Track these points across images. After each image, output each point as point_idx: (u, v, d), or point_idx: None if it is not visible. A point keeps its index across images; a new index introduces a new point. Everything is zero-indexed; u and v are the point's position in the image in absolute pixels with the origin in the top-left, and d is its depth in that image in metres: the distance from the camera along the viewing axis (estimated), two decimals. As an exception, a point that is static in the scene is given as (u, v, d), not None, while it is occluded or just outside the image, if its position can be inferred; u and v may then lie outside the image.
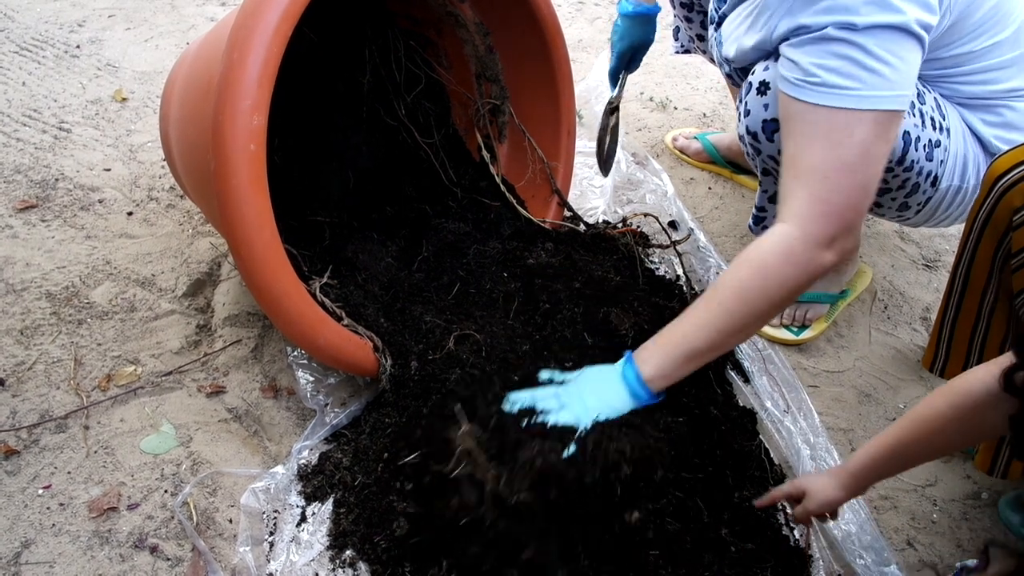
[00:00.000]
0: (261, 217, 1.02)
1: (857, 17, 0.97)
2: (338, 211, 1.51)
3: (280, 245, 1.06)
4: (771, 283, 1.00)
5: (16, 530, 1.11)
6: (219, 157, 0.99)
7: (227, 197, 1.00)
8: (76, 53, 2.34)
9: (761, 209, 1.40)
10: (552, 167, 1.58)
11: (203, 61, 1.21)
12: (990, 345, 1.11)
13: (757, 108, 1.21)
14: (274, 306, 1.08)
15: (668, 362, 1.04)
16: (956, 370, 1.18)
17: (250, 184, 1.00)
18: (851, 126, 0.98)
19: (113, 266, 1.58)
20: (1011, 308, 1.05)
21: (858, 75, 0.98)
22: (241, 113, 0.98)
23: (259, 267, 1.04)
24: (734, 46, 1.27)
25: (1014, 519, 1.17)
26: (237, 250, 1.03)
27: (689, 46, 1.74)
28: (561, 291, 1.36)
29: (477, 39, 1.55)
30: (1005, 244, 0.98)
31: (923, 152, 1.18)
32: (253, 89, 0.99)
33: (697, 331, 1.03)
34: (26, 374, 1.35)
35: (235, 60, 0.99)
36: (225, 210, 1.01)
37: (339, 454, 1.20)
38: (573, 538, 0.98)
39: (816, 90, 1.00)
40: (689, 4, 1.62)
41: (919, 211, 1.29)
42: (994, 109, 1.21)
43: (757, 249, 1.01)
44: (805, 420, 1.31)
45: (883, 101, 0.98)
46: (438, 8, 1.52)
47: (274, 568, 1.07)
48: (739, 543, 1.05)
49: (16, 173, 1.82)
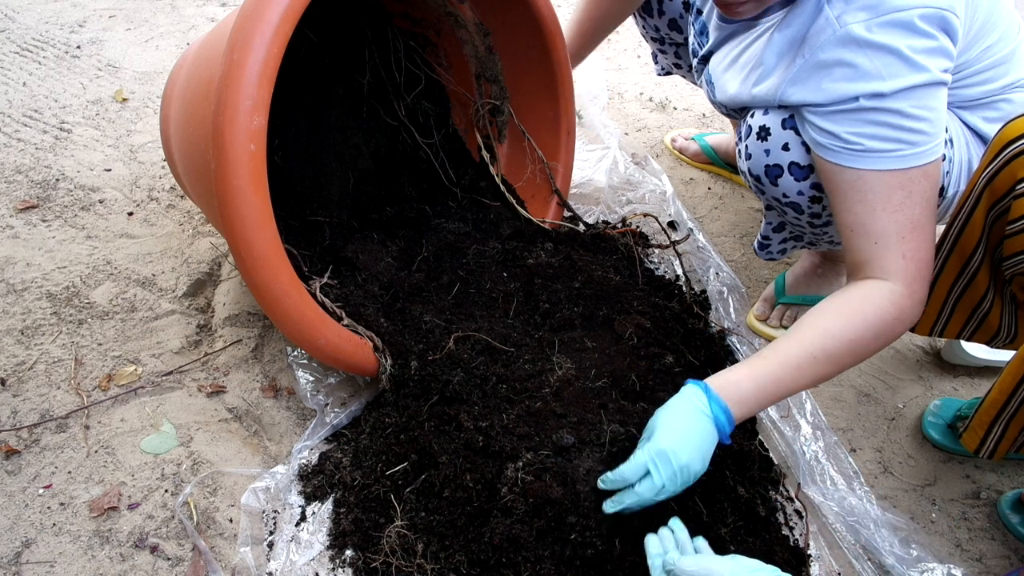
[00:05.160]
0: (261, 217, 1.02)
1: (882, 84, 0.97)
2: (338, 211, 1.52)
3: (280, 245, 1.06)
4: (883, 341, 1.02)
5: (17, 530, 1.11)
6: (219, 157, 0.99)
7: (227, 197, 1.00)
8: (77, 53, 2.34)
9: (766, 238, 1.40)
10: (552, 167, 1.58)
11: (203, 62, 1.21)
12: (963, 305, 1.12)
13: (758, 153, 1.19)
14: (274, 306, 1.08)
15: (758, 406, 1.00)
16: (927, 326, 1.18)
17: (250, 184, 1.00)
18: (908, 185, 1.00)
19: (113, 266, 1.58)
20: (993, 271, 1.05)
21: (901, 137, 0.99)
22: (241, 113, 0.99)
23: (259, 267, 1.04)
24: (726, 95, 1.26)
25: (1013, 519, 1.17)
26: (237, 250, 1.03)
27: (670, 69, 1.74)
28: (561, 291, 1.36)
29: (477, 40, 1.55)
30: (999, 207, 0.98)
31: None
32: (253, 89, 0.99)
33: (795, 378, 1.00)
34: (27, 374, 1.35)
35: (235, 60, 0.99)
36: (225, 210, 1.01)
37: (339, 454, 1.20)
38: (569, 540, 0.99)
39: (864, 156, 1.01)
40: (660, 39, 1.62)
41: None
42: (993, 105, 1.20)
43: (871, 305, 1.00)
44: (809, 420, 1.31)
45: (929, 154, 1.00)
46: (437, 8, 1.52)
47: (274, 568, 1.07)
48: (738, 542, 1.06)
49: (17, 173, 1.82)
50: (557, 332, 1.30)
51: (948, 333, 1.18)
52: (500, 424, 1.09)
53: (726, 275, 1.59)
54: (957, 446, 1.26)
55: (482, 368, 1.19)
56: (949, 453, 1.29)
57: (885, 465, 1.27)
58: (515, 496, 1.00)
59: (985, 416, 1.07)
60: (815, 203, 1.19)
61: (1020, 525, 1.17)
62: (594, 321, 1.33)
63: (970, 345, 1.41)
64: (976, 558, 1.15)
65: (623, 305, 1.34)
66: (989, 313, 1.11)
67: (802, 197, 1.18)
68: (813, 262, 1.53)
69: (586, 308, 1.35)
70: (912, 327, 1.20)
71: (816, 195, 1.17)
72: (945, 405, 1.33)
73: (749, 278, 1.64)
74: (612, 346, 1.27)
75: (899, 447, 1.30)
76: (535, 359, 1.22)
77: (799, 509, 1.18)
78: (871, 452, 1.29)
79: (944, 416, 1.31)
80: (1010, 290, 1.07)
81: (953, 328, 1.17)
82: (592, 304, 1.35)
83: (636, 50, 2.53)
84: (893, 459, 1.28)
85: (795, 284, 1.52)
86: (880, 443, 1.31)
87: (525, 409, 1.12)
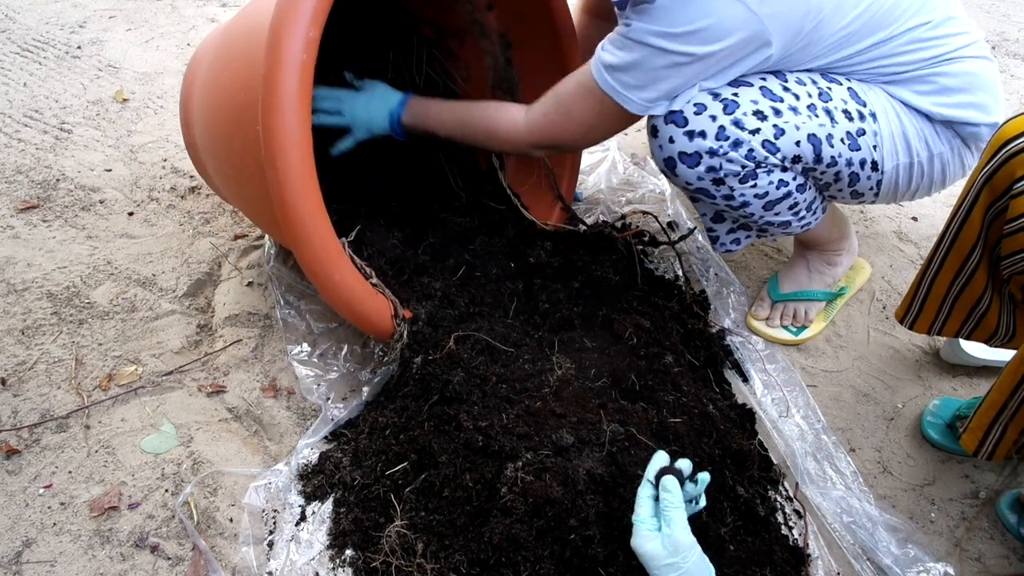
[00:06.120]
0: (301, 128, 1.04)
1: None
2: (346, 200, 1.52)
3: (313, 165, 1.07)
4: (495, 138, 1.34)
5: (17, 529, 1.12)
6: (272, 63, 1.02)
7: (273, 100, 1.02)
8: (77, 54, 2.35)
9: (710, 230, 1.43)
10: (557, 174, 1.59)
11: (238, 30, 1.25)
12: (961, 303, 1.12)
13: (655, 149, 1.26)
14: (298, 226, 1.07)
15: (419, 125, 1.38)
16: (925, 324, 1.19)
17: (297, 92, 1.02)
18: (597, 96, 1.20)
19: (114, 266, 1.58)
20: (991, 270, 1.06)
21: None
22: (300, 23, 1.03)
23: (291, 179, 1.04)
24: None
25: (1012, 519, 1.17)
26: (273, 158, 1.03)
27: None
28: (560, 291, 1.37)
29: (498, 51, 1.57)
30: (998, 206, 0.98)
31: (843, 146, 1.20)
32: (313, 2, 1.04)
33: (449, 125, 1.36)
34: (27, 374, 1.35)
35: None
36: (269, 111, 1.02)
37: (339, 454, 1.21)
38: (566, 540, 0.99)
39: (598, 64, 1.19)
40: None
41: (877, 193, 1.31)
42: (924, 79, 1.22)
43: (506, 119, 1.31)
44: (808, 420, 1.31)
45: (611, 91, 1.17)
46: (465, 16, 1.53)
47: (274, 567, 1.07)
48: (738, 542, 1.06)
49: (17, 174, 1.82)
50: (557, 332, 1.30)
51: (947, 332, 1.18)
52: (500, 424, 1.09)
53: (726, 275, 1.59)
54: (956, 446, 1.26)
55: (482, 368, 1.19)
56: (948, 453, 1.29)
57: (884, 465, 1.28)
58: (515, 496, 1.00)
59: (984, 418, 1.07)
60: (719, 185, 1.22)
61: (1019, 525, 1.17)
62: (594, 321, 1.33)
63: (969, 345, 1.41)
64: (975, 558, 1.15)
65: (623, 305, 1.35)
66: (987, 312, 1.12)
67: (703, 181, 1.23)
68: (801, 255, 1.53)
69: (586, 308, 1.35)
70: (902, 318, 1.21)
71: (716, 177, 1.21)
72: (944, 405, 1.33)
73: (749, 278, 1.64)
74: (612, 346, 1.27)
75: (898, 447, 1.31)
76: (535, 359, 1.22)
77: (798, 509, 1.18)
78: (870, 452, 1.30)
79: (943, 416, 1.31)
80: (1008, 289, 1.07)
81: (952, 327, 1.17)
82: (592, 304, 1.35)
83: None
84: (892, 459, 1.29)
85: (787, 280, 1.52)
86: (879, 443, 1.31)
87: (525, 409, 1.12)
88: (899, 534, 1.14)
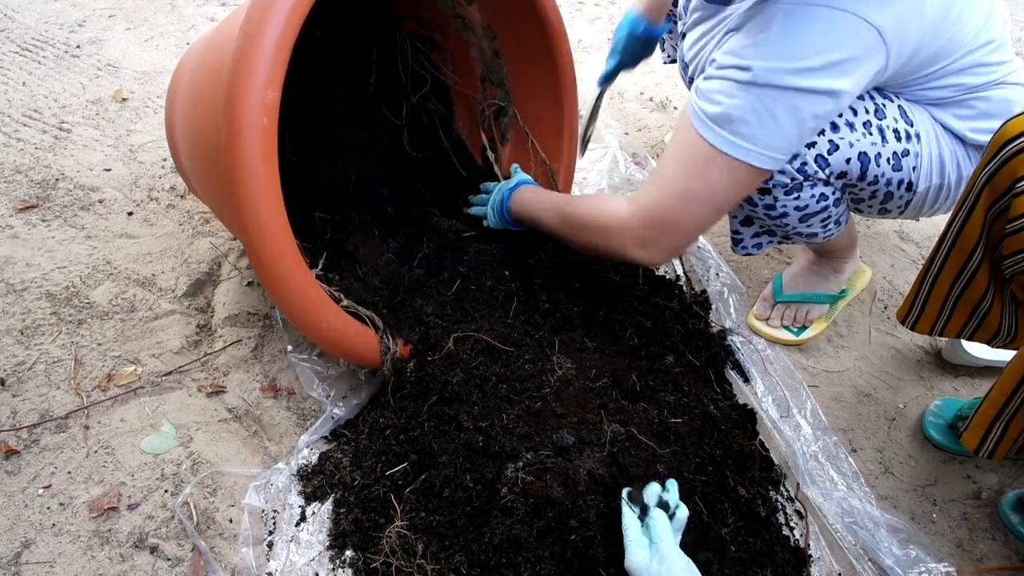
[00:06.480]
0: (270, 192, 1.01)
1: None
2: (339, 207, 1.52)
3: (287, 222, 1.05)
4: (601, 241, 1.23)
5: (16, 530, 1.11)
6: (230, 130, 0.98)
7: (237, 171, 0.99)
8: (76, 53, 2.34)
9: (736, 232, 1.41)
10: (554, 169, 1.59)
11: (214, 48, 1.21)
12: (963, 304, 1.12)
13: None
14: (278, 284, 1.06)
15: (524, 215, 1.38)
16: (927, 325, 1.18)
17: (261, 158, 0.99)
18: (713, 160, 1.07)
19: (113, 266, 1.58)
20: (993, 270, 1.05)
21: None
22: (256, 86, 0.98)
23: (266, 243, 1.03)
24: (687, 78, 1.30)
25: (1014, 519, 1.17)
26: (244, 225, 1.02)
27: (673, 56, 1.75)
28: (560, 291, 1.36)
29: (484, 43, 1.55)
30: (999, 205, 0.97)
31: (888, 166, 1.18)
32: (268, 63, 0.98)
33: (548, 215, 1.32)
34: (26, 374, 1.35)
35: (251, 34, 0.99)
36: (234, 184, 1.00)
37: (339, 454, 1.20)
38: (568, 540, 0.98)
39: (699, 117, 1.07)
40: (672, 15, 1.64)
41: (902, 211, 1.29)
42: (966, 103, 1.20)
43: (608, 207, 1.21)
44: (809, 420, 1.31)
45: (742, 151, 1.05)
46: (446, 10, 1.52)
47: (274, 568, 1.07)
48: (739, 543, 1.06)
49: (16, 173, 1.82)
50: (557, 332, 1.30)
51: (948, 332, 1.17)
52: (500, 424, 1.09)
53: (726, 275, 1.59)
54: (958, 446, 1.26)
55: (482, 368, 1.19)
56: (950, 453, 1.29)
57: (886, 465, 1.27)
58: (515, 496, 0.99)
59: (985, 416, 1.07)
60: (765, 194, 1.20)
61: (1021, 525, 1.16)
62: (594, 321, 1.33)
63: (971, 345, 1.41)
64: (977, 558, 1.15)
65: (623, 305, 1.34)
66: (989, 312, 1.11)
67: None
68: (809, 259, 1.53)
69: (586, 308, 1.35)
70: (903, 318, 1.21)
71: (764, 187, 1.18)
72: (946, 405, 1.33)
73: (749, 278, 1.63)
74: (612, 346, 1.27)
75: (900, 447, 1.30)
76: (535, 359, 1.22)
77: (800, 509, 1.18)
78: (872, 452, 1.29)
79: (945, 416, 1.31)
80: (1010, 289, 1.06)
81: (953, 327, 1.16)
82: (592, 304, 1.35)
83: (636, 50, 2.52)
84: (894, 459, 1.28)
85: (792, 282, 1.52)
86: (881, 443, 1.31)
87: (525, 409, 1.12)
88: (901, 535, 1.14)
